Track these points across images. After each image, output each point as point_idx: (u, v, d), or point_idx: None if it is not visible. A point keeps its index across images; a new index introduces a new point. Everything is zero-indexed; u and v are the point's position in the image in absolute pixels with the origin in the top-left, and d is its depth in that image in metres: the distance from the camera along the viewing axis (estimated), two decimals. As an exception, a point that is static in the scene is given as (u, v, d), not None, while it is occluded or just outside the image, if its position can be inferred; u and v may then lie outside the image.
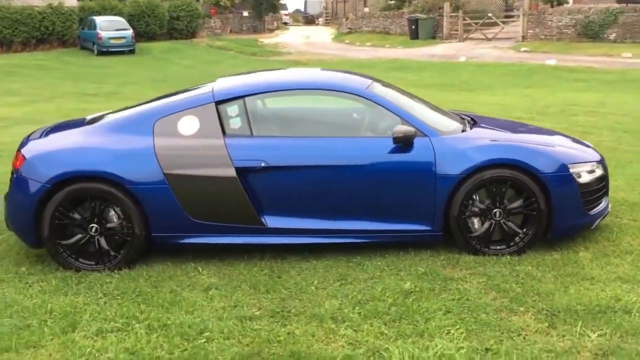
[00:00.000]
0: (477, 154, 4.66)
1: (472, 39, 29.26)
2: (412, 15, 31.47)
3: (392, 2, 37.80)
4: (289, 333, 3.72)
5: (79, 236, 4.71)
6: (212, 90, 4.94)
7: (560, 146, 5.02)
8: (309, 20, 59.86)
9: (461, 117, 5.40)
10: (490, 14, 29.79)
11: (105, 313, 4.00)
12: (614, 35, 24.53)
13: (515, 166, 4.63)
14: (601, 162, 5.02)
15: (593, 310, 3.83)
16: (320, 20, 56.30)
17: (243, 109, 4.84)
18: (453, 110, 5.97)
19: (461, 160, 4.65)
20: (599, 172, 4.93)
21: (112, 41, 29.28)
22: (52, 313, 4.02)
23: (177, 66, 25.46)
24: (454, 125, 5.04)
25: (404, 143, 4.64)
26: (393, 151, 4.68)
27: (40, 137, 5.07)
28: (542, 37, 26.69)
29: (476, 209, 4.71)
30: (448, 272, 4.47)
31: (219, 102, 4.84)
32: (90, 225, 4.68)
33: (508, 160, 4.65)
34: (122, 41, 29.56)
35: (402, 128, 4.62)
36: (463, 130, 5.00)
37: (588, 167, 4.85)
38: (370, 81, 5.18)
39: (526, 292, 4.12)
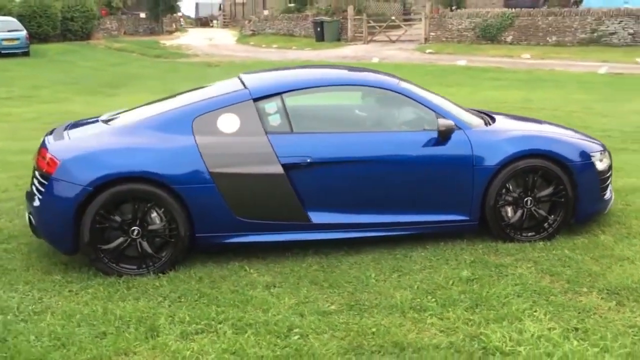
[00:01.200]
0: (511, 145, 4.91)
1: (375, 41, 30.05)
2: (318, 18, 31.91)
3: (292, 5, 38.11)
4: (377, 325, 3.77)
5: (120, 240, 4.51)
6: (248, 88, 4.88)
7: (577, 136, 5.36)
8: (203, 22, 59.04)
9: (477, 112, 5.64)
10: (393, 17, 30.74)
11: (179, 316, 3.89)
12: (510, 37, 26.05)
13: (547, 156, 4.92)
14: (606, 150, 5.40)
15: (648, 286, 4.15)
16: (216, 22, 55.68)
17: (281, 105, 4.83)
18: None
19: (496, 151, 4.87)
20: (606, 160, 5.31)
21: (5, 42, 27.55)
22: (123, 319, 3.86)
23: (82, 68, 24.39)
24: (476, 119, 5.26)
25: (445, 136, 4.79)
26: (432, 144, 4.84)
27: (63, 138, 4.79)
28: (444, 39, 27.87)
29: (510, 198, 4.95)
30: (494, 260, 4.67)
31: (256, 100, 4.80)
32: (132, 228, 4.49)
33: (540, 151, 4.92)
34: (16, 42, 27.88)
35: (446, 122, 4.79)
36: (487, 124, 5.22)
37: (599, 155, 5.21)
38: (397, 78, 5.31)
39: (578, 274, 4.39)
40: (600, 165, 5.17)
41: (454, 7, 28.90)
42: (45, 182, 4.51)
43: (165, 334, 3.68)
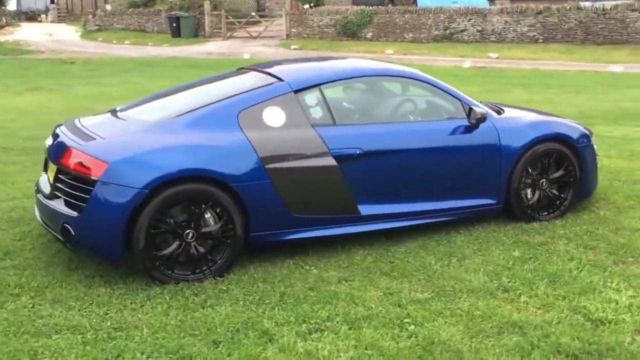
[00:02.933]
0: (531, 130, 5.22)
1: (235, 37, 29.83)
2: (173, 13, 31.01)
3: (139, -1, 36.65)
4: (478, 308, 3.85)
5: (175, 245, 4.20)
6: (285, 80, 4.73)
7: (574, 121, 5.80)
8: (30, 17, 54.80)
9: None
10: (253, 14, 30.68)
11: (282, 318, 3.74)
12: (370, 34, 27.08)
13: (561, 139, 5.30)
14: (592, 134, 5.90)
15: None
16: (44, 16, 51.89)
17: (321, 97, 4.76)
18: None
19: (519, 136, 5.16)
20: (594, 143, 5.81)
21: None
22: (226, 325, 3.63)
23: None
24: (490, 107, 5.49)
25: (479, 124, 4.98)
26: (466, 132, 5.01)
27: (94, 138, 4.35)
28: (305, 35, 28.33)
29: (529, 181, 5.26)
30: (529, 239, 4.94)
31: (296, 92, 4.69)
32: (187, 231, 4.20)
33: (556, 135, 5.29)
34: None
35: (481, 110, 4.98)
36: (498, 112, 5.48)
37: (594, 137, 5.69)
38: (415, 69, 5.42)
39: (614, 246, 4.77)
40: (595, 147, 5.64)
41: (312, 4, 29.44)
42: (89, 187, 4.08)
43: (282, 337, 3.51)
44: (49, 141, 4.73)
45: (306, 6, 29.35)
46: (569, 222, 5.28)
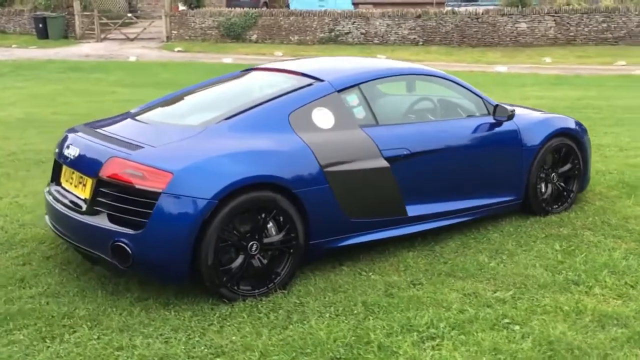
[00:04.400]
0: (544, 127, 5.37)
1: (110, 39, 28.38)
2: (39, 13, 28.92)
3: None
4: (564, 303, 3.85)
5: (241, 258, 3.89)
6: (326, 80, 4.53)
7: (572, 118, 6.02)
8: None
9: None
10: (130, 14, 29.36)
11: (385, 328, 3.56)
12: (255, 36, 26.83)
13: (569, 134, 5.50)
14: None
15: None
16: None
17: (362, 97, 4.61)
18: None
19: (535, 133, 5.29)
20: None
21: None
22: (332, 342, 3.39)
23: None
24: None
25: (508, 120, 5.05)
26: (494, 129, 5.06)
27: (141, 146, 3.91)
28: (187, 37, 27.53)
29: (543, 175, 5.41)
30: (558, 232, 5.07)
31: (339, 91, 4.51)
32: (251, 243, 3.90)
33: (564, 130, 5.48)
34: None
35: (510, 107, 5.04)
36: None
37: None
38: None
39: (638, 234, 4.99)
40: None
41: (192, 6, 28.67)
42: (150, 200, 3.66)
43: (399, 348, 3.35)
44: (70, 151, 4.20)
45: (182, 8, 28.49)
46: (579, 214, 5.48)
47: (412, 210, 4.63)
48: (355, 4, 30.56)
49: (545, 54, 22.80)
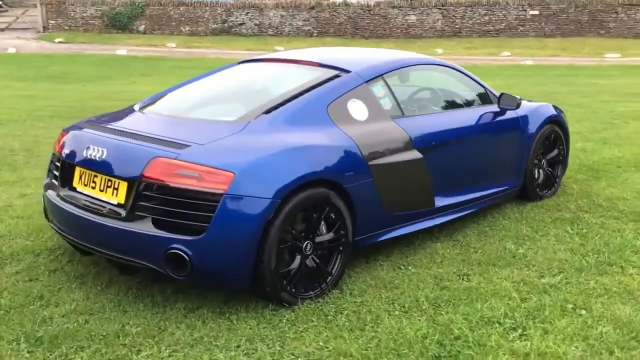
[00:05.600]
0: (538, 114, 5.52)
1: (-23, 29, 26.25)
2: None
3: None
4: (612, 285, 3.94)
5: (298, 259, 3.68)
6: (353, 70, 4.38)
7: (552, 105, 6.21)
8: None
9: None
10: (1, 2, 27.22)
11: (464, 322, 3.48)
12: (142, 26, 25.83)
13: (556, 121, 5.69)
14: None
15: None
16: None
17: (387, 88, 4.50)
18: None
19: (532, 120, 5.44)
20: None
21: None
22: (425, 340, 3.28)
23: None
24: None
25: (517, 109, 5.14)
26: (502, 116, 5.14)
27: (188, 145, 3.57)
28: (67, 27, 26.03)
29: (537, 161, 5.57)
30: (563, 216, 5.22)
31: (367, 82, 4.38)
32: (305, 243, 3.71)
33: (554, 117, 5.67)
34: None
35: (517, 96, 5.12)
36: None
37: None
38: None
39: (636, 214, 5.24)
40: (565, 127, 6.17)
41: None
42: (211, 203, 3.37)
43: (489, 341, 3.29)
44: (92, 152, 3.77)
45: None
46: (568, 198, 5.69)
47: (439, 201, 4.60)
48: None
49: (436, 46, 23.65)
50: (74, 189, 3.92)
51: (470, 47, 23.68)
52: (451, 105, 5.07)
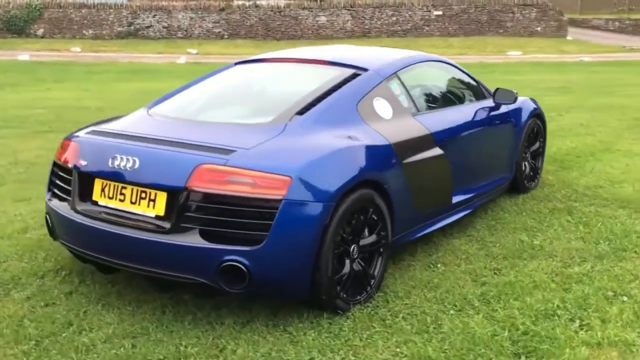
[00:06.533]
0: (524, 108, 5.64)
1: None
2: None
3: None
4: (631, 271, 4.08)
5: (348, 264, 3.56)
6: (370, 68, 4.28)
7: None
8: None
9: None
10: None
11: (535, 319, 3.48)
12: (41, 30, 24.52)
13: (538, 115, 5.84)
14: None
15: None
16: None
17: (402, 85, 4.44)
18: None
19: (519, 114, 5.55)
20: None
21: None
22: (493, 337, 3.25)
23: None
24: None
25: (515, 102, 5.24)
26: (498, 111, 5.20)
27: (233, 150, 3.34)
28: (-44, 33, 24.26)
29: (524, 154, 5.69)
30: (557, 206, 5.34)
31: (386, 80, 4.30)
32: (352, 246, 3.59)
33: (537, 110, 5.81)
34: None
35: (514, 90, 5.20)
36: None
37: None
38: None
39: (621, 201, 5.43)
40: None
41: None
42: (268, 210, 3.18)
43: (555, 330, 3.30)
44: (119, 162, 3.46)
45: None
46: (552, 189, 5.86)
47: (455, 198, 4.59)
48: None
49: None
50: (95, 203, 3.60)
51: (382, 47, 24.10)
52: (455, 100, 5.07)
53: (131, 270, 3.51)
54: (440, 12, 25.78)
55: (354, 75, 4.20)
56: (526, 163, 5.75)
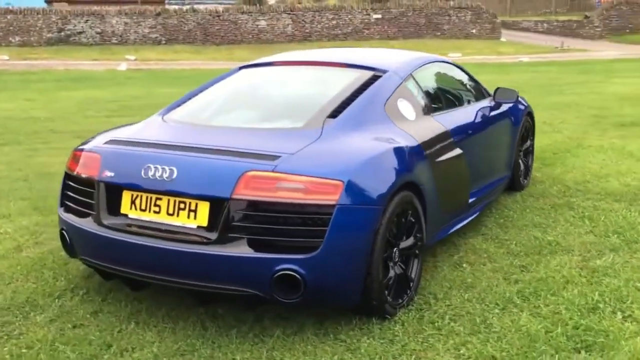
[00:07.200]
0: (519, 107, 5.71)
1: None
2: None
3: None
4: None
5: (391, 268, 3.49)
6: (388, 69, 4.22)
7: None
8: None
9: None
10: None
11: (571, 310, 3.49)
12: (-33, 38, 23.37)
13: (529, 113, 5.94)
14: None
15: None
16: None
17: (417, 85, 4.41)
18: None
19: (515, 113, 5.61)
20: None
21: None
22: (549, 335, 3.25)
23: None
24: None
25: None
26: (500, 110, 5.25)
27: (278, 155, 3.21)
28: None
29: (518, 152, 5.77)
30: (555, 202, 5.42)
31: (405, 81, 4.26)
32: (394, 250, 3.53)
33: (529, 109, 5.91)
34: None
35: (515, 90, 5.26)
36: None
37: None
38: None
39: (617, 194, 5.59)
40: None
41: None
42: (321, 215, 3.07)
43: (606, 324, 3.33)
44: (154, 172, 3.27)
45: None
46: (544, 185, 5.97)
47: (470, 198, 4.58)
48: (48, 2, 28.78)
49: (291, 50, 23.73)
50: (125, 216, 3.39)
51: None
52: (464, 100, 5.07)
53: (171, 285, 3.33)
54: (379, 16, 26.08)
55: (374, 77, 4.12)
56: (520, 161, 5.82)
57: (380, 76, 4.13)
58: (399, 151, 3.57)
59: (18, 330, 3.34)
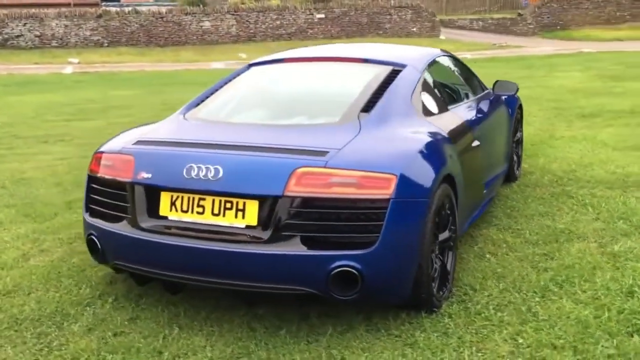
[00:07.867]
0: (512, 100, 5.79)
1: None
2: None
3: None
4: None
5: (434, 261, 3.48)
6: (407, 64, 4.21)
7: None
8: None
9: None
10: None
11: (613, 296, 3.57)
12: None
13: (520, 106, 6.04)
14: None
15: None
16: None
17: (433, 79, 4.42)
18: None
19: (509, 105, 5.70)
20: None
21: None
22: (598, 323, 3.31)
23: None
24: None
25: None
26: (500, 102, 5.32)
27: (322, 152, 3.14)
28: None
29: (512, 143, 5.87)
30: (552, 191, 5.52)
31: (422, 75, 4.26)
32: (436, 243, 3.53)
33: (519, 101, 6.01)
34: None
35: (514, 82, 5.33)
36: None
37: None
38: None
39: (618, 182, 5.72)
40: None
41: None
42: (379, 210, 3.03)
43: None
44: (198, 172, 3.16)
45: None
46: (535, 175, 6.09)
47: (484, 189, 4.63)
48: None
49: (237, 50, 23.62)
50: (164, 218, 3.26)
51: (275, 50, 24.03)
52: (470, 93, 5.11)
53: (219, 286, 3.22)
54: (322, 15, 26.13)
55: (395, 72, 4.10)
56: (513, 152, 5.92)
57: (400, 70, 4.11)
58: (438, 143, 3.57)
59: (57, 341, 3.17)
